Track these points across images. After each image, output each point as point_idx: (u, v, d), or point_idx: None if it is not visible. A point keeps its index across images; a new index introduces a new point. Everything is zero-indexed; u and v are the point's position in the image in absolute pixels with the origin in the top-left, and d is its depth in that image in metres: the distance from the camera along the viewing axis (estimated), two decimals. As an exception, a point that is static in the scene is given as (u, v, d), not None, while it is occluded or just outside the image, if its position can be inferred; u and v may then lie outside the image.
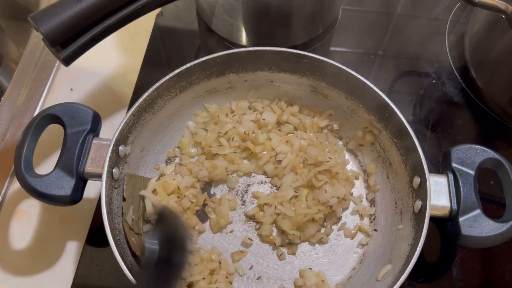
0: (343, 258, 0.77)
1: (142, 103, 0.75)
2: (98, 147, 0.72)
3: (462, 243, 0.68)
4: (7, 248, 0.79)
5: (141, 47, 1.00)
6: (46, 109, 0.74)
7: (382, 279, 0.69)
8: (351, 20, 1.06)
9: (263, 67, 0.84)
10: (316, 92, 0.86)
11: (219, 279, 0.72)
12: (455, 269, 0.78)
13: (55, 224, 0.81)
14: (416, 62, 1.01)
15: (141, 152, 0.80)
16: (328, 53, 1.02)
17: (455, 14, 1.07)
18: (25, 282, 0.77)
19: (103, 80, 0.97)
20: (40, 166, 0.85)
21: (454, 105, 0.95)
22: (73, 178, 0.70)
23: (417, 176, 0.72)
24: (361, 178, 0.84)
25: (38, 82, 0.95)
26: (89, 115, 0.74)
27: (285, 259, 0.76)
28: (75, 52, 0.71)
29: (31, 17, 0.66)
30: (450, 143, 0.89)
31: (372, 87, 0.76)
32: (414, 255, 0.64)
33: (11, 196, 0.84)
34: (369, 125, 0.82)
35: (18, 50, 1.14)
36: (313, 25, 0.96)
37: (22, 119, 0.90)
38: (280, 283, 0.75)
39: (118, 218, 0.71)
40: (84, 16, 0.68)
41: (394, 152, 0.78)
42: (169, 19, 1.05)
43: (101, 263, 0.77)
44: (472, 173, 0.70)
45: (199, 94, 0.85)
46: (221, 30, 0.98)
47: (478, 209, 0.68)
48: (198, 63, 0.78)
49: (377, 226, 0.78)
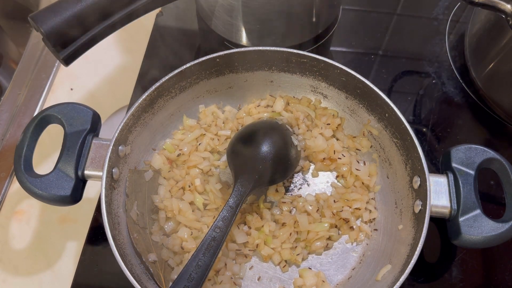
0: (343, 258, 0.77)
1: (142, 103, 0.75)
2: (98, 147, 0.72)
3: (462, 243, 0.68)
4: (7, 248, 0.79)
5: (141, 47, 1.00)
6: (46, 109, 0.74)
7: (382, 279, 0.69)
8: (351, 20, 1.06)
9: (263, 67, 0.84)
10: (316, 92, 0.86)
11: (224, 280, 0.72)
12: (455, 269, 0.78)
13: (55, 224, 0.81)
14: (416, 62, 1.00)
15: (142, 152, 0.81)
16: (328, 53, 1.02)
17: (455, 14, 1.07)
18: (25, 282, 0.77)
19: (103, 80, 0.97)
20: (40, 166, 0.85)
21: (454, 105, 0.95)
22: (73, 178, 0.70)
23: (417, 176, 0.72)
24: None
25: (38, 82, 0.95)
26: (89, 115, 0.74)
27: (288, 271, 0.76)
28: (75, 52, 0.71)
29: (31, 17, 0.66)
30: (450, 143, 0.89)
31: (372, 87, 0.76)
32: (414, 255, 0.64)
33: (11, 196, 0.84)
34: (365, 130, 0.82)
35: (18, 50, 1.14)
36: (313, 25, 0.96)
37: (22, 119, 0.90)
38: (280, 283, 0.75)
39: (118, 218, 0.71)
40: (84, 16, 0.68)
41: (394, 152, 0.78)
42: (169, 19, 1.05)
43: (101, 263, 0.77)
44: (472, 173, 0.70)
45: (199, 94, 0.85)
46: (221, 30, 0.98)
47: (478, 209, 0.68)
48: (198, 63, 0.78)
49: (377, 226, 0.78)
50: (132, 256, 0.69)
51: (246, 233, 0.75)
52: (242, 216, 0.77)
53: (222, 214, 0.69)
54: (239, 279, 0.74)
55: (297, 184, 0.83)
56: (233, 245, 0.75)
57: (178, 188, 0.78)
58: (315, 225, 0.76)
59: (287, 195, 0.81)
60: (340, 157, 0.81)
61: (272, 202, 0.80)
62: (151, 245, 0.74)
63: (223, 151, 0.83)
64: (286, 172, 0.79)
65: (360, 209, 0.78)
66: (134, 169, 0.78)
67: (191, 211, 0.77)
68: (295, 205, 0.79)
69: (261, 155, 0.73)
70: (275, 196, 0.81)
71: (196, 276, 0.63)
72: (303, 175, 0.84)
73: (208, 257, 0.65)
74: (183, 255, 0.74)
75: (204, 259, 0.64)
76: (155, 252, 0.73)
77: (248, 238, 0.75)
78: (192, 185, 0.78)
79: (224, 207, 0.69)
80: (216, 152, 0.84)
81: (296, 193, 0.82)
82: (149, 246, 0.73)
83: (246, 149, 0.74)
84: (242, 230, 0.75)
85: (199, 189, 0.79)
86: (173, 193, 0.78)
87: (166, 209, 0.76)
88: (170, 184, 0.79)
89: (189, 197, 0.78)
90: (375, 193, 0.81)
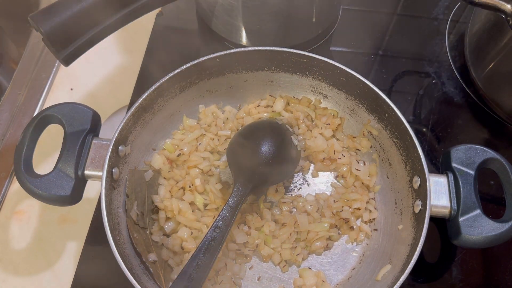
0: (343, 258, 0.77)
1: (142, 103, 0.75)
2: (98, 147, 0.72)
3: (462, 243, 0.68)
4: (7, 248, 0.79)
5: (141, 47, 1.00)
6: (46, 109, 0.74)
7: (382, 279, 0.69)
8: (351, 20, 1.06)
9: (263, 67, 0.84)
10: (316, 92, 0.86)
11: (224, 280, 0.72)
12: (455, 269, 0.78)
13: (55, 224, 0.81)
14: (416, 62, 1.00)
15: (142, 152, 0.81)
16: (328, 53, 1.02)
17: (455, 14, 1.07)
18: (25, 282, 0.77)
19: (103, 80, 0.97)
20: (40, 166, 0.85)
21: (454, 105, 0.95)
22: (73, 178, 0.70)
23: (417, 176, 0.72)
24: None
25: (38, 82, 0.95)
26: (89, 115, 0.74)
27: (288, 271, 0.76)
28: (75, 52, 0.71)
29: (31, 17, 0.66)
30: (450, 143, 0.89)
31: (372, 87, 0.76)
32: (414, 255, 0.64)
33: (11, 196, 0.84)
34: (365, 130, 0.82)
35: (18, 50, 1.14)
36: (313, 25, 0.96)
37: (22, 119, 0.90)
38: (280, 283, 0.75)
39: (118, 218, 0.71)
40: (84, 16, 0.68)
41: (394, 152, 0.78)
42: (169, 19, 1.05)
43: (101, 263, 0.76)
44: (472, 173, 0.70)
45: (199, 94, 0.85)
46: (221, 30, 0.98)
47: (478, 209, 0.68)
48: (198, 63, 0.78)
49: (377, 226, 0.78)
50: (132, 256, 0.69)
51: (246, 233, 0.75)
52: (242, 216, 0.77)
53: (222, 214, 0.69)
54: (239, 279, 0.74)
55: (297, 184, 0.83)
56: (233, 245, 0.75)
57: (178, 188, 0.78)
58: (315, 225, 0.76)
59: (287, 195, 0.81)
60: (340, 157, 0.81)
61: (272, 202, 0.80)
62: (151, 245, 0.74)
63: (223, 151, 0.83)
64: (286, 172, 0.79)
65: (360, 209, 0.78)
66: (134, 169, 0.78)
67: (191, 211, 0.77)
68: (295, 205, 0.79)
69: (261, 155, 0.73)
70: (275, 196, 0.81)
71: (196, 276, 0.63)
72: (303, 175, 0.84)
73: (208, 257, 0.65)
74: (183, 255, 0.74)
75: (204, 259, 0.64)
76: (155, 252, 0.73)
77: (248, 238, 0.75)
78: (192, 185, 0.78)
79: (224, 207, 0.69)
80: (216, 152, 0.84)
81: (296, 193, 0.82)
82: (149, 246, 0.73)
83: (246, 149, 0.74)
84: (242, 230, 0.75)
85: (199, 189, 0.79)
86: (173, 193, 0.78)
87: (166, 209, 0.76)
88: (170, 184, 0.79)
89: (189, 197, 0.78)
90: (375, 193, 0.81)
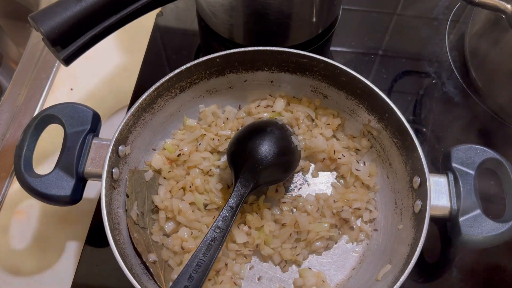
0: (343, 258, 0.77)
1: (142, 103, 0.75)
2: (98, 147, 0.72)
3: (462, 243, 0.68)
4: (7, 248, 0.79)
5: (141, 47, 1.00)
6: (46, 109, 0.74)
7: (382, 279, 0.69)
8: (351, 20, 1.06)
9: (263, 67, 0.84)
10: (316, 92, 0.86)
11: (224, 280, 0.72)
12: (455, 269, 0.78)
13: (55, 224, 0.81)
14: (416, 62, 1.00)
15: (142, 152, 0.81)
16: (328, 53, 1.02)
17: (455, 14, 1.07)
18: (25, 282, 0.77)
19: (103, 80, 0.97)
20: (40, 166, 0.85)
21: (454, 105, 0.95)
22: (73, 178, 0.70)
23: (417, 176, 0.72)
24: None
25: (38, 82, 0.95)
26: (89, 115, 0.74)
27: (288, 271, 0.76)
28: (75, 52, 0.71)
29: (31, 17, 0.66)
30: (450, 143, 0.89)
31: (372, 87, 0.76)
32: (414, 255, 0.64)
33: (11, 196, 0.84)
34: (365, 130, 0.82)
35: (18, 50, 1.14)
36: (313, 25, 0.96)
37: (22, 119, 0.90)
38: (280, 283, 0.75)
39: (118, 218, 0.71)
40: (84, 16, 0.68)
41: (394, 152, 0.78)
42: (169, 19, 1.05)
43: (101, 263, 0.77)
44: (472, 173, 0.70)
45: (199, 94, 0.85)
46: (221, 30, 0.98)
47: (478, 209, 0.68)
48: (198, 63, 0.78)
49: (377, 226, 0.78)
50: (132, 256, 0.69)
51: (246, 233, 0.75)
52: (242, 216, 0.77)
53: (222, 214, 0.69)
54: (239, 279, 0.74)
55: (297, 184, 0.83)
56: (233, 245, 0.75)
57: (178, 188, 0.78)
58: (315, 225, 0.76)
59: (287, 195, 0.81)
60: (340, 157, 0.81)
61: (272, 202, 0.80)
62: (151, 245, 0.74)
63: (223, 151, 0.83)
64: (286, 172, 0.79)
65: (360, 209, 0.78)
66: (134, 169, 0.78)
67: (191, 211, 0.76)
68: (295, 205, 0.79)
69: (261, 155, 0.73)
70: (275, 196, 0.81)
71: (196, 276, 0.63)
72: (303, 175, 0.84)
73: (208, 257, 0.65)
74: (183, 255, 0.74)
75: (204, 259, 0.65)
76: (155, 252, 0.73)
77: (248, 238, 0.75)
78: (192, 185, 0.78)
79: (224, 207, 0.69)
80: (216, 152, 0.84)
81: (296, 193, 0.82)
82: (149, 246, 0.73)
83: (246, 149, 0.74)
84: (242, 230, 0.75)
85: (199, 189, 0.79)
86: (173, 193, 0.78)
87: (166, 209, 0.76)
88: (170, 184, 0.79)
89: (189, 197, 0.78)
90: (375, 193, 0.81)
